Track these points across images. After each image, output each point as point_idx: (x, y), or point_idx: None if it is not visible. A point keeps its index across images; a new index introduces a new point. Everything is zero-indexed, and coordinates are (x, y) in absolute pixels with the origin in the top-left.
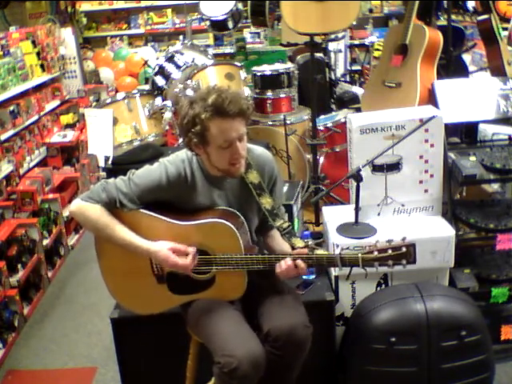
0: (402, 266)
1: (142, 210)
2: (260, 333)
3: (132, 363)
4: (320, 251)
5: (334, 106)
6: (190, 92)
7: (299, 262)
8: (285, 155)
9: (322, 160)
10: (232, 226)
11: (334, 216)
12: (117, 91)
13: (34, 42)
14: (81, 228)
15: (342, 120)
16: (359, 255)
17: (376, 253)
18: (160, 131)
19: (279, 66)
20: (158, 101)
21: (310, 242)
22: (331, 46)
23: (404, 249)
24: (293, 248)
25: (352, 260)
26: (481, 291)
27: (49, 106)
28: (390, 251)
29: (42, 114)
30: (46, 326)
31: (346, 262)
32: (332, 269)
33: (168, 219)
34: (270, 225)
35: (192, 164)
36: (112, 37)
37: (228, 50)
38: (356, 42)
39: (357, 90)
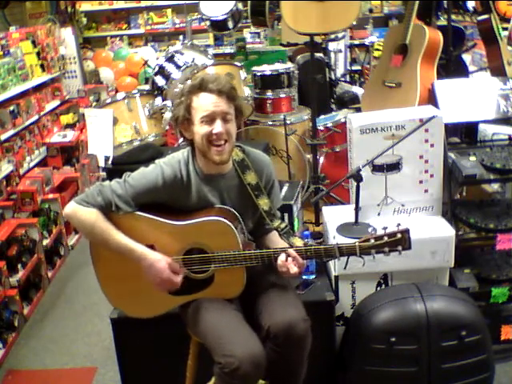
0: (398, 252)
1: (137, 212)
2: (260, 331)
3: (132, 363)
4: None
5: (334, 106)
6: None
7: (291, 252)
8: (285, 155)
9: (322, 160)
10: (229, 223)
11: (334, 216)
12: (117, 91)
13: (34, 42)
14: None
15: (342, 120)
16: (356, 244)
17: (372, 240)
18: (160, 131)
19: (279, 66)
20: (158, 101)
21: (309, 242)
22: (331, 45)
23: (399, 235)
24: (291, 247)
25: (349, 249)
26: (481, 291)
27: (49, 106)
28: (385, 238)
29: (42, 114)
30: (45, 326)
31: (343, 251)
32: (332, 269)
33: (164, 220)
34: (267, 228)
35: (188, 165)
36: (112, 37)
37: (228, 50)
38: (356, 42)
39: (357, 89)
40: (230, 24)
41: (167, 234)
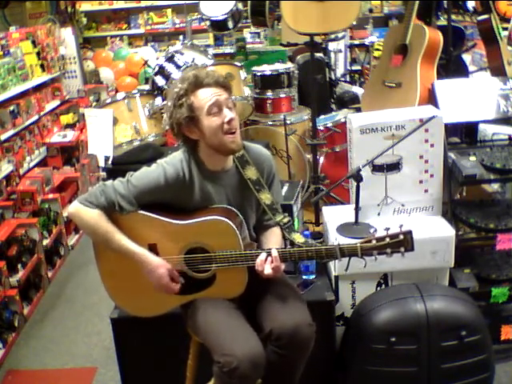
0: (401, 253)
1: (140, 211)
2: (261, 332)
3: (132, 363)
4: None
5: (334, 106)
6: None
7: (274, 253)
8: (285, 155)
9: (322, 160)
10: (230, 223)
11: (334, 216)
12: (117, 91)
13: (34, 42)
14: None
15: (342, 120)
16: (358, 245)
17: (374, 241)
18: (160, 131)
19: (279, 66)
20: (158, 101)
21: (309, 241)
22: (331, 45)
23: (401, 236)
24: (292, 244)
25: (351, 250)
26: (481, 291)
27: (49, 106)
28: (387, 239)
29: (42, 114)
30: (45, 326)
31: (344, 252)
32: (332, 268)
33: (166, 219)
34: (267, 223)
35: (190, 163)
36: (112, 37)
37: (228, 50)
38: (356, 42)
39: (357, 89)
40: (230, 24)
41: (169, 233)
